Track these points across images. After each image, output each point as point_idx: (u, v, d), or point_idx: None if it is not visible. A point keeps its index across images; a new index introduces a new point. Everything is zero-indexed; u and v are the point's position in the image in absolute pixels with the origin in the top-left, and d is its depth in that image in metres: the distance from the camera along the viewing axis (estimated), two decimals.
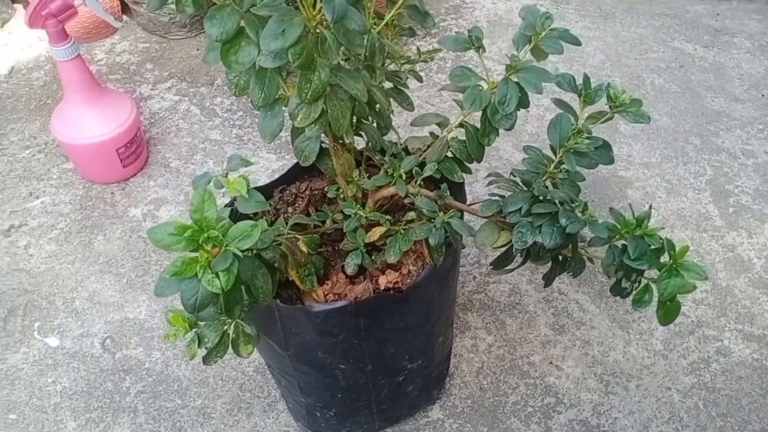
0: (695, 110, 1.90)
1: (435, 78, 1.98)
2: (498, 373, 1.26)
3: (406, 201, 0.97)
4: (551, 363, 1.28)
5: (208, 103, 1.90)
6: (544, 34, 0.93)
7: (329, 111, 0.85)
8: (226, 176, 0.92)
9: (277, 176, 1.64)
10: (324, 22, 0.76)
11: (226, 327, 0.84)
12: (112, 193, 1.63)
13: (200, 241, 0.70)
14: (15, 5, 2.41)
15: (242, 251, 0.73)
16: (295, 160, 0.98)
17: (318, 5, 0.75)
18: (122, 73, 2.03)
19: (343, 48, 0.81)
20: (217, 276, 0.71)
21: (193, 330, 0.83)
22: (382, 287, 0.96)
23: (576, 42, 0.93)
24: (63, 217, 1.58)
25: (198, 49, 2.13)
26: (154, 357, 1.29)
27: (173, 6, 1.99)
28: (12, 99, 1.96)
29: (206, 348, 0.83)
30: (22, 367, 1.29)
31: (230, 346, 0.85)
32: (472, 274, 1.43)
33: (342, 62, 0.93)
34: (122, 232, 1.54)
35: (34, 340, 1.33)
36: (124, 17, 2.27)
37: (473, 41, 0.94)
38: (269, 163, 1.71)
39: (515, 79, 0.90)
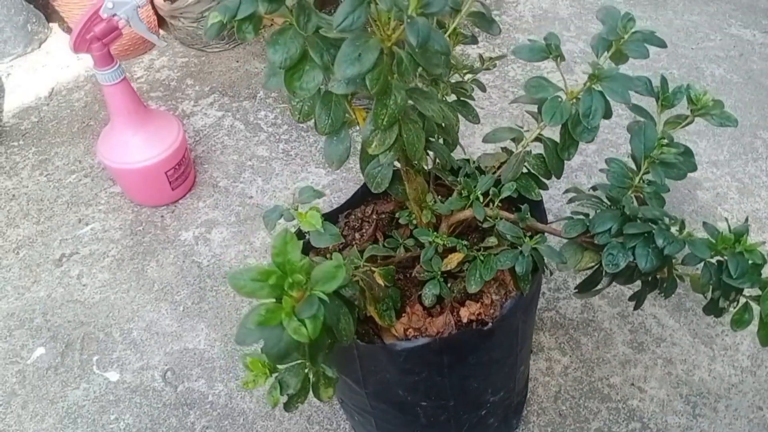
0: (760, 102, 1.80)
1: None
2: (577, 398, 1.19)
3: (485, 225, 0.90)
4: (633, 384, 1.21)
5: (252, 118, 1.85)
6: (627, 37, 0.86)
7: (405, 136, 0.80)
8: (297, 209, 0.87)
9: (328, 191, 1.60)
10: (400, 43, 0.70)
11: (306, 371, 0.79)
12: (162, 216, 1.60)
13: (285, 287, 0.65)
14: (51, 24, 2.40)
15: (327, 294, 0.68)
16: (345, 175, 0.93)
17: (393, 23, 0.69)
18: (163, 90, 2.00)
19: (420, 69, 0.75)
20: (303, 323, 0.66)
21: (274, 376, 0.78)
22: (464, 320, 0.90)
23: (662, 44, 0.85)
24: (114, 243, 1.55)
25: (237, 61, 2.09)
26: (217, 389, 1.25)
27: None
28: (54, 122, 1.94)
29: (287, 395, 0.78)
30: (83, 404, 1.26)
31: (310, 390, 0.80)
32: (541, 290, 1.36)
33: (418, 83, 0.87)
34: (175, 257, 1.50)
35: (93, 375, 1.30)
36: (161, 32, 2.25)
37: (551, 50, 0.87)
38: (318, 179, 1.66)
39: (599, 89, 0.83)
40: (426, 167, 0.97)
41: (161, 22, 2.22)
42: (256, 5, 0.65)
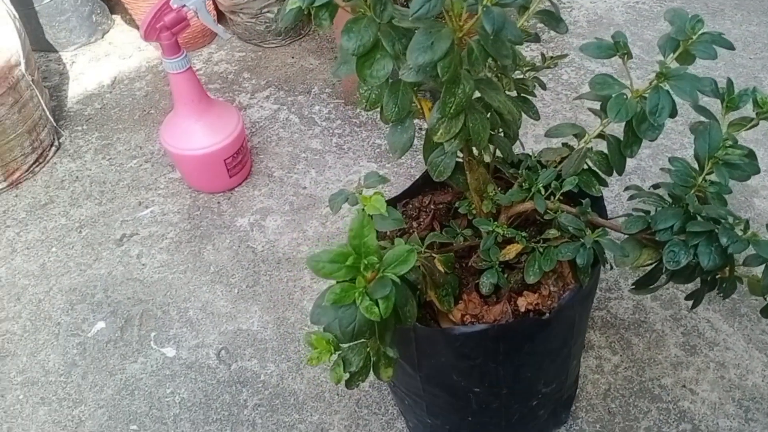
0: None
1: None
2: (627, 396, 1.19)
3: (545, 217, 0.91)
4: (684, 386, 1.20)
5: (307, 112, 1.89)
6: (695, 38, 0.86)
7: (471, 125, 0.81)
8: (361, 193, 0.89)
9: (379, 186, 1.63)
10: (471, 33, 0.72)
11: (368, 350, 0.82)
12: (219, 202, 1.65)
13: (360, 268, 0.68)
14: (114, 16, 2.48)
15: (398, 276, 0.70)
16: (397, 170, 0.95)
17: (464, 14, 0.71)
18: (221, 82, 2.06)
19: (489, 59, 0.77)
20: (376, 303, 0.68)
21: (337, 353, 0.81)
22: (521, 310, 0.91)
23: (730, 47, 0.85)
24: (172, 226, 1.60)
25: (293, 57, 2.13)
26: (269, 369, 1.29)
27: (269, 15, 1.99)
28: (116, 109, 2.01)
29: (349, 372, 0.81)
30: (140, 377, 1.31)
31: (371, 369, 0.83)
32: None
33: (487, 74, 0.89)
34: (230, 242, 1.54)
35: (151, 350, 1.35)
36: (220, 26, 2.31)
37: (619, 47, 0.88)
38: None
39: (666, 87, 0.84)
40: (487, 160, 0.98)
41: (221, 17, 2.28)
42: None
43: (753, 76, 1.91)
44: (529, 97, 1.01)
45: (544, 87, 1.05)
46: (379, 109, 0.82)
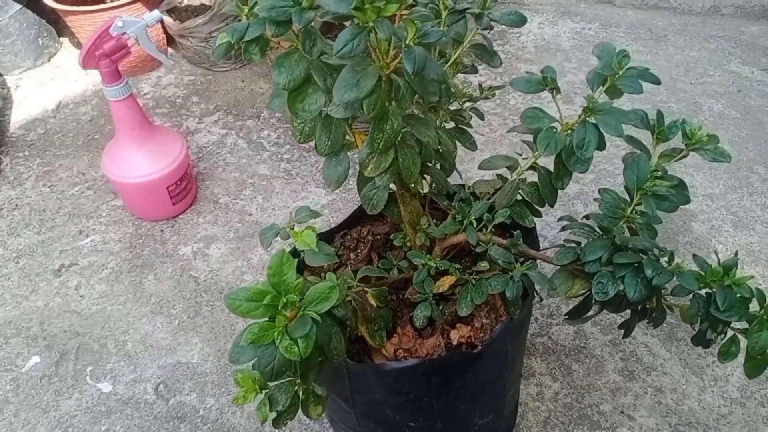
0: (757, 137, 1.82)
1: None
2: (566, 424, 1.20)
3: (477, 250, 0.92)
4: (623, 412, 1.21)
5: (255, 137, 1.88)
6: (621, 72, 0.88)
7: (401, 160, 0.81)
8: (293, 228, 0.88)
9: (326, 211, 1.62)
10: (398, 71, 0.72)
11: (296, 388, 0.80)
12: (162, 230, 1.62)
13: (279, 307, 0.67)
14: (62, 39, 2.44)
15: (319, 314, 0.70)
16: (345, 195, 0.94)
17: (392, 51, 0.71)
18: (168, 106, 2.03)
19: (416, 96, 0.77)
20: (296, 342, 0.67)
21: (264, 392, 0.79)
22: (454, 343, 0.91)
23: (656, 81, 0.88)
24: (113, 255, 1.56)
25: (243, 81, 2.12)
26: (208, 404, 1.26)
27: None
28: (60, 134, 1.97)
29: (276, 411, 0.79)
30: (75, 413, 1.27)
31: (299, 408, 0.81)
32: (534, 315, 1.37)
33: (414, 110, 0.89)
34: (173, 271, 1.51)
35: (86, 385, 1.31)
36: (169, 50, 2.29)
37: (547, 82, 0.89)
38: (318, 198, 1.68)
39: (593, 121, 0.85)
40: (422, 191, 0.99)
41: (170, 40, 2.26)
42: (263, 28, 0.67)
43: (694, 101, 1.97)
44: (467, 128, 1.01)
45: (482, 117, 1.05)
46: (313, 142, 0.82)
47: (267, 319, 0.68)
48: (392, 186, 0.90)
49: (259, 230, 1.60)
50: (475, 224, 0.91)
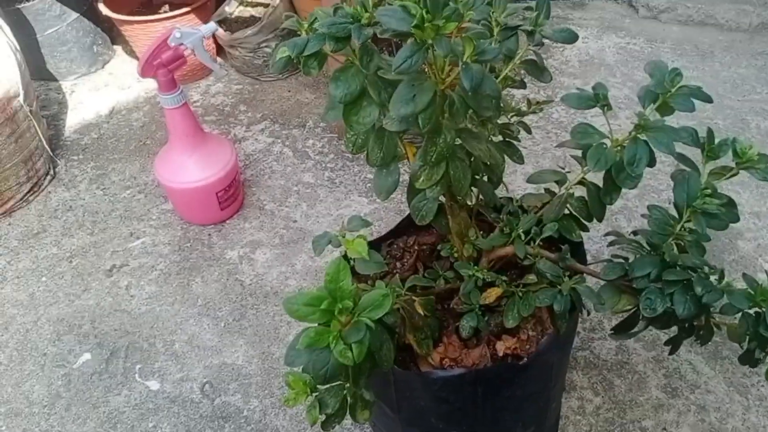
0: None
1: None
2: None
3: (525, 262, 0.93)
4: (665, 429, 1.20)
5: (301, 146, 1.92)
6: (674, 90, 0.88)
7: (452, 172, 0.83)
8: (344, 236, 0.91)
9: (363, 229, 1.65)
10: (452, 86, 0.74)
11: (345, 392, 0.82)
12: (209, 234, 1.66)
13: (335, 312, 0.69)
14: (115, 47, 2.52)
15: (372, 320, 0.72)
16: (387, 205, 0.96)
17: (446, 68, 0.73)
18: (217, 114, 2.09)
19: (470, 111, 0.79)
20: (350, 347, 0.69)
21: (314, 395, 0.81)
22: (500, 354, 0.92)
23: (708, 100, 0.87)
24: (162, 258, 1.61)
25: (289, 91, 2.17)
26: (252, 405, 1.29)
27: (267, 50, 2.02)
28: (113, 139, 2.04)
29: (326, 414, 0.81)
30: (123, 410, 1.31)
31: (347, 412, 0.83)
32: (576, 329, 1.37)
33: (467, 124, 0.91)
34: (219, 274, 1.56)
35: (135, 382, 1.35)
36: (219, 59, 2.35)
37: (599, 98, 0.90)
38: (361, 207, 1.70)
39: (644, 138, 0.86)
40: (470, 203, 1.00)
41: (219, 50, 2.32)
42: (323, 43, 0.70)
43: (741, 119, 1.94)
44: (514, 142, 1.03)
45: (529, 131, 1.07)
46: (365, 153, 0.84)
47: (322, 323, 0.71)
48: (441, 198, 0.92)
49: (303, 237, 1.64)
50: (523, 237, 0.92)
